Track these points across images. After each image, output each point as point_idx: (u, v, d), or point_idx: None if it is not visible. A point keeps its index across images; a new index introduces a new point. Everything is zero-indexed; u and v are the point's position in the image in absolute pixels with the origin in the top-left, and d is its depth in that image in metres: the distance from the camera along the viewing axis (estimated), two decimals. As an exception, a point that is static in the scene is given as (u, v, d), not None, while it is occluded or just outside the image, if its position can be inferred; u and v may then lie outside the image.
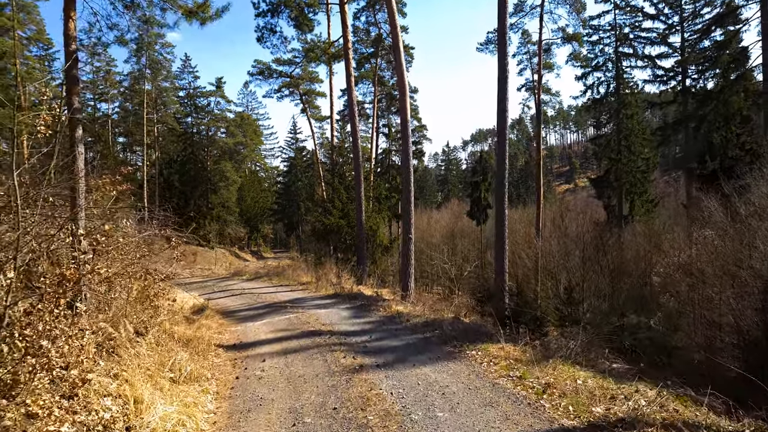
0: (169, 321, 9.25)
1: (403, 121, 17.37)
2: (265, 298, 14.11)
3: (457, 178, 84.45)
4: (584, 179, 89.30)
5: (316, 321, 10.33)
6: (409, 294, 16.34)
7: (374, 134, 36.55)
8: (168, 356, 6.86)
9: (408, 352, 7.55)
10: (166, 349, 7.32)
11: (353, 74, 22.01)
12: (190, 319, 10.82)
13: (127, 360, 5.91)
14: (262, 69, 34.28)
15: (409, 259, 16.87)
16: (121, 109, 43.19)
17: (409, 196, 17.12)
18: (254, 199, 49.99)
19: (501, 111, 16.42)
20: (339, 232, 23.69)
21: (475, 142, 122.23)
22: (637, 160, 32.77)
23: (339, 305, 12.37)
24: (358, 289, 14.74)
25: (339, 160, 25.60)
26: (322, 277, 16.64)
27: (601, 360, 7.06)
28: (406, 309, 11.10)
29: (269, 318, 10.96)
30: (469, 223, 44.41)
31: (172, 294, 11.64)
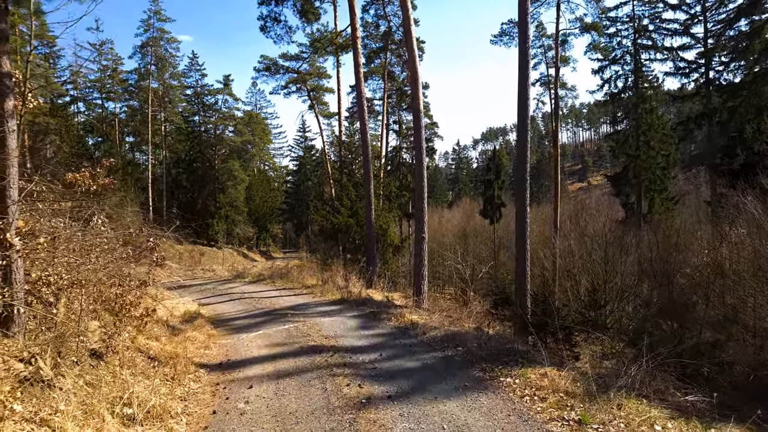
0: (146, 335, 7.85)
1: (415, 113, 15.90)
2: (265, 303, 12.68)
3: (468, 177, 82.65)
4: (597, 177, 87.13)
5: (318, 333, 8.87)
6: (422, 298, 14.90)
7: (384, 131, 35.08)
8: (130, 385, 5.44)
9: (427, 378, 6.05)
10: (132, 373, 5.90)
11: (362, 66, 20.56)
12: (176, 329, 9.41)
13: (65, 396, 4.48)
14: (268, 65, 32.98)
15: (422, 260, 15.40)
16: (128, 108, 42.15)
17: (422, 192, 15.64)
18: (263, 198, 48.72)
19: (522, 99, 14.95)
20: (347, 231, 22.24)
21: (486, 141, 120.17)
22: (657, 156, 31.17)
23: (345, 313, 10.91)
24: (366, 294, 13.27)
25: (347, 157, 24.15)
26: (328, 280, 15.20)
27: (671, 390, 5.52)
28: (421, 318, 9.60)
29: (266, 328, 9.51)
30: (482, 222, 42.77)
31: (153, 302, 10.26)
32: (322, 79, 34.71)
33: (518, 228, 15.45)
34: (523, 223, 15.28)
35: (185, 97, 41.74)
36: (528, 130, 15.25)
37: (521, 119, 14.94)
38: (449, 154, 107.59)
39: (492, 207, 38.38)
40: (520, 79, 14.93)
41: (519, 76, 15.18)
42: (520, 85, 15.15)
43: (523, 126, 14.97)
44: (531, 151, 75.01)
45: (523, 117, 14.97)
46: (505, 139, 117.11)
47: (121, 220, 12.20)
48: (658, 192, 30.97)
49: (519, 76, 15.18)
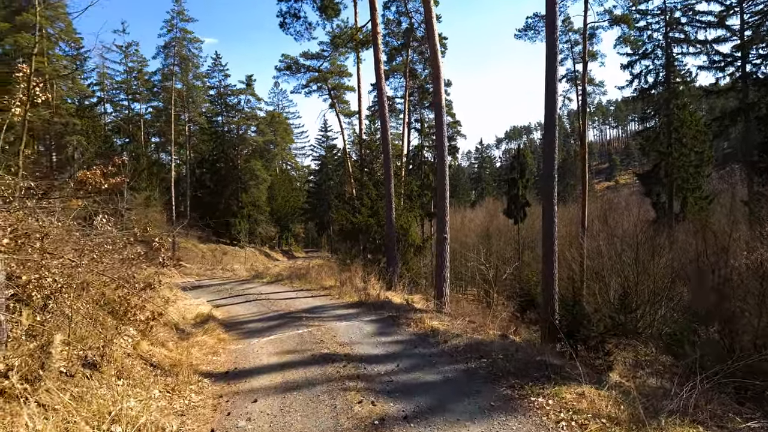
0: (151, 340, 7.40)
1: (437, 109, 15.26)
2: (281, 305, 12.20)
3: (491, 176, 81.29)
4: (625, 176, 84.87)
5: (333, 339, 8.31)
6: (443, 301, 14.26)
7: (406, 130, 34.43)
8: (123, 398, 4.96)
9: (448, 395, 5.43)
10: (129, 384, 5.44)
11: (382, 62, 19.99)
12: (186, 333, 8.97)
13: (43, 413, 4.01)
14: (289, 64, 32.73)
15: (444, 261, 14.75)
16: (153, 109, 42.45)
17: (443, 190, 14.99)
18: (285, 198, 48.59)
19: (549, 93, 14.20)
20: (368, 231, 21.69)
21: (509, 140, 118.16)
22: (690, 153, 29.92)
23: (362, 317, 10.33)
24: (385, 296, 12.68)
25: (368, 155, 23.59)
26: (346, 281, 14.66)
27: (730, 415, 4.78)
28: (442, 325, 8.96)
29: (278, 333, 9.00)
30: (506, 222, 41.78)
31: (164, 304, 9.87)
32: (343, 77, 34.31)
33: (545, 228, 14.69)
34: (551, 223, 14.51)
35: (209, 98, 41.80)
36: (556, 126, 14.44)
37: (548, 114, 14.15)
38: (472, 154, 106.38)
39: (516, 206, 37.44)
40: (548, 72, 14.18)
41: (546, 68, 14.43)
42: (547, 78, 14.39)
43: (550, 121, 14.18)
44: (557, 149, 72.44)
45: (551, 111, 14.18)
46: (529, 137, 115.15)
47: (136, 219, 11.89)
48: (691, 191, 29.80)
49: (546, 68, 14.43)
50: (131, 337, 7.07)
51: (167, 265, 7.97)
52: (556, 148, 14.42)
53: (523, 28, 29.36)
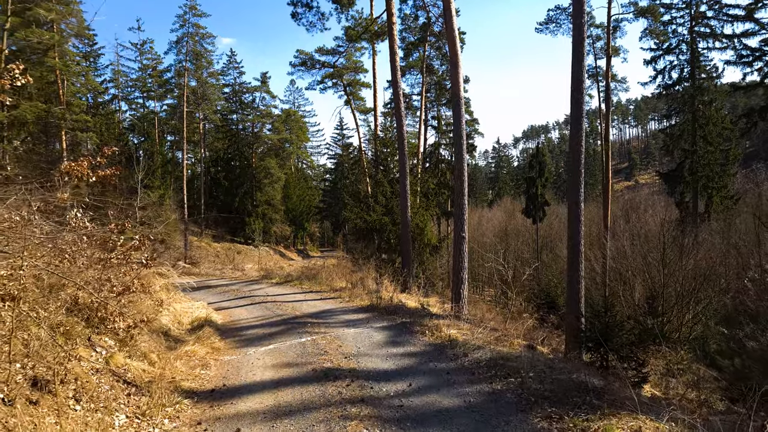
0: (130, 351, 6.48)
1: (455, 100, 14.18)
2: (286, 309, 11.25)
3: (508, 175, 79.52)
4: (645, 176, 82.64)
5: (338, 349, 7.32)
6: (461, 305, 13.19)
7: (422, 127, 33.30)
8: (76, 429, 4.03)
9: (472, 428, 4.39)
10: (87, 410, 4.51)
11: (398, 54, 18.99)
12: (177, 341, 8.07)
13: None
14: (304, 59, 31.81)
15: (461, 262, 13.66)
16: (168, 107, 41.97)
17: (461, 187, 13.92)
18: (300, 196, 47.80)
19: (576, 82, 13.08)
20: (382, 230, 20.69)
21: (527, 139, 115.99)
22: (716, 151, 28.49)
23: (373, 323, 9.33)
24: (399, 299, 11.66)
25: (383, 151, 22.57)
26: (358, 282, 13.66)
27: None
28: (461, 333, 7.90)
29: (279, 342, 8.04)
30: (524, 222, 40.53)
31: (157, 307, 8.97)
32: (359, 73, 33.32)
33: (571, 227, 13.54)
34: (577, 222, 13.36)
35: (224, 95, 41.22)
36: (584, 117, 13.29)
37: (575, 105, 13.01)
38: (489, 153, 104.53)
39: (535, 206, 36.20)
40: (575, 59, 13.07)
41: (573, 55, 13.32)
42: (574, 67, 13.26)
43: (577, 113, 13.04)
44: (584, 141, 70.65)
45: (578, 102, 13.04)
46: (547, 137, 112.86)
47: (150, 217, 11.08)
48: (716, 190, 28.51)
49: (573, 55, 13.32)
50: (106, 349, 6.18)
51: (150, 266, 7.05)
52: (583, 143, 13.27)
53: (544, 21, 28.05)
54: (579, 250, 13.26)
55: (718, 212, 27.80)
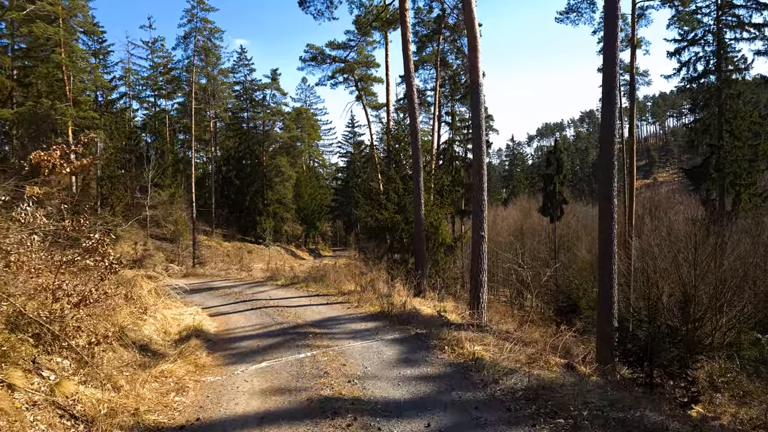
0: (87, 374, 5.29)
1: (473, 86, 12.89)
2: (288, 315, 10.04)
3: (522, 173, 77.67)
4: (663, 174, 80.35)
5: (341, 370, 6.09)
6: (481, 310, 11.95)
7: (436, 123, 31.93)
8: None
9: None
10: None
11: (410, 41, 17.73)
12: (157, 356, 6.89)
13: None
14: (314, 54, 30.71)
15: (480, 264, 12.40)
16: (179, 105, 41.13)
17: (481, 182, 12.65)
18: (311, 195, 46.72)
19: (609, 62, 11.79)
20: (394, 229, 19.43)
21: (541, 137, 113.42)
22: (744, 147, 26.91)
23: (383, 334, 8.08)
24: (412, 305, 10.40)
25: (395, 146, 21.33)
26: (367, 286, 12.41)
27: None
28: (486, 350, 6.61)
29: (274, 358, 6.83)
30: (540, 221, 39.06)
31: (139, 314, 7.83)
32: (371, 68, 32.06)
33: (602, 225, 12.19)
34: (608, 220, 12.01)
35: (234, 93, 40.28)
36: (616, 102, 11.93)
37: (607, 88, 11.68)
38: (503, 151, 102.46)
39: (552, 204, 34.70)
40: (607, 39, 11.79)
41: (605, 35, 12.05)
42: (606, 47, 11.99)
43: (609, 96, 11.69)
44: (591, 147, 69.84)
45: (610, 85, 11.71)
46: (561, 134, 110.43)
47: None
48: (744, 187, 26.93)
49: (605, 35, 12.05)
50: (56, 373, 5.02)
51: (117, 270, 5.88)
52: (615, 132, 11.94)
53: (564, 11, 26.52)
54: (612, 250, 11.92)
55: (747, 210, 26.28)
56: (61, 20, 25.23)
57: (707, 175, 28.25)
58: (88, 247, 5.30)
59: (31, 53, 27.09)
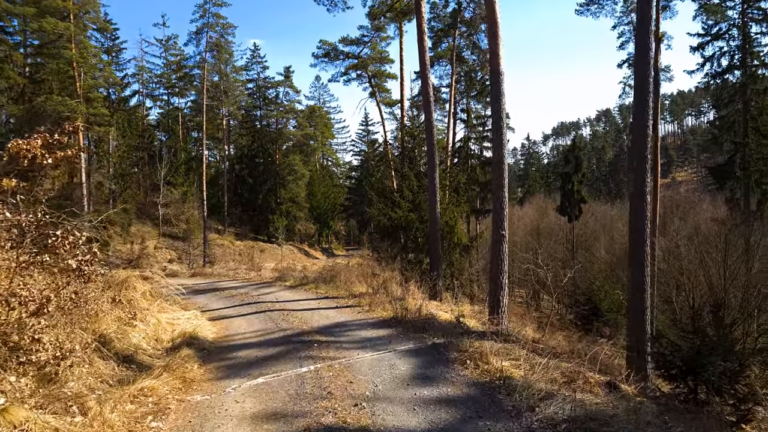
0: (49, 394, 4.48)
1: (494, 74, 11.93)
2: (293, 321, 9.19)
3: (538, 172, 76.09)
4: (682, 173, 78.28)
5: (347, 389, 5.21)
6: (500, 314, 10.97)
7: (451, 120, 30.91)
8: None
9: None
10: None
11: (426, 33, 16.81)
12: (142, 367, 6.08)
13: None
14: (327, 50, 29.90)
15: (501, 265, 11.43)
16: (193, 103, 40.65)
17: (501, 178, 11.70)
18: (324, 194, 45.98)
19: (641, 46, 10.72)
20: (408, 228, 18.51)
21: (556, 136, 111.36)
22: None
23: (396, 344, 7.18)
24: (428, 310, 9.49)
25: (410, 142, 20.43)
26: (380, 288, 11.52)
27: None
28: (515, 366, 5.67)
29: (272, 373, 5.96)
30: (557, 220, 37.77)
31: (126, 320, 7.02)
32: (385, 64, 31.14)
33: (633, 223, 11.19)
34: (641, 219, 11.00)
35: (247, 90, 39.68)
36: (649, 91, 10.86)
37: (641, 69, 10.69)
38: (518, 150, 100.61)
39: (570, 203, 33.39)
40: (641, 14, 10.78)
41: (638, 18, 11.01)
42: (638, 32, 10.96)
43: (642, 80, 10.67)
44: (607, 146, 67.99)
45: (643, 66, 10.68)
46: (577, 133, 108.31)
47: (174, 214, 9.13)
48: (771, 185, 25.69)
49: (638, 18, 11.01)
50: (5, 395, 4.21)
51: (88, 274, 5.06)
52: (649, 119, 10.88)
53: (585, 3, 25.41)
54: (644, 252, 10.89)
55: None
56: (72, 16, 24.77)
57: (731, 173, 27.17)
58: (47, 246, 4.48)
59: (43, 50, 26.73)
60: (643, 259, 10.74)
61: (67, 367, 4.82)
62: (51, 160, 7.13)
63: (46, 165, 6.98)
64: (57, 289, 4.77)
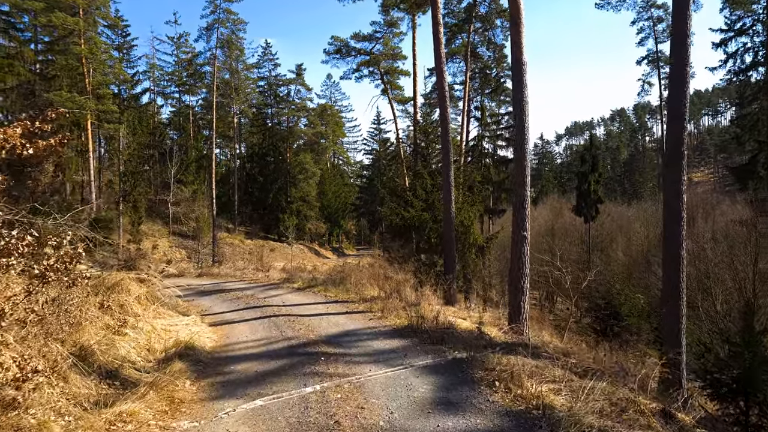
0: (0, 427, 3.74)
1: (516, 64, 11.09)
2: (300, 328, 8.41)
3: (551, 173, 74.73)
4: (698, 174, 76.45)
5: (357, 418, 4.41)
6: (522, 321, 10.20)
7: (465, 119, 29.95)
8: None
9: None
10: None
11: (442, 24, 16.00)
12: (127, 384, 5.34)
13: None
14: (339, 47, 29.15)
15: (522, 268, 10.60)
16: (204, 101, 40.14)
17: (523, 175, 10.87)
18: (335, 193, 45.27)
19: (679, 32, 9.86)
20: (421, 227, 17.72)
21: (570, 136, 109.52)
22: (796, 142, 24.63)
23: (413, 358, 6.36)
24: (445, 317, 8.67)
25: (423, 140, 19.61)
26: (392, 292, 10.70)
27: None
28: (556, 393, 4.82)
29: (272, 393, 5.19)
30: (572, 221, 36.74)
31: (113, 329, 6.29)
32: (397, 60, 30.28)
33: (668, 227, 10.30)
34: (677, 222, 10.13)
35: (258, 88, 39.12)
36: (687, 81, 9.96)
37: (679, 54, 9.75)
38: (531, 150, 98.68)
39: (587, 203, 32.31)
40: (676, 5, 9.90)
41: (675, 2, 10.12)
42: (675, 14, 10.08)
43: (679, 71, 9.76)
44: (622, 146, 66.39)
45: (682, 61, 9.76)
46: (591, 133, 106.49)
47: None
48: (796, 185, 24.54)
49: (675, 2, 10.12)
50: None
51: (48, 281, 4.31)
52: (687, 112, 9.96)
53: (607, -6, 24.44)
54: (680, 253, 10.00)
55: (797, 210, 24.01)
56: (81, 11, 24.29)
57: (754, 173, 26.01)
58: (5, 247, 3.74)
59: (54, 46, 26.32)
60: (679, 261, 9.86)
61: (30, 390, 4.08)
62: (32, 150, 6.43)
63: (26, 156, 6.29)
64: (11, 298, 4.02)
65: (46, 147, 6.67)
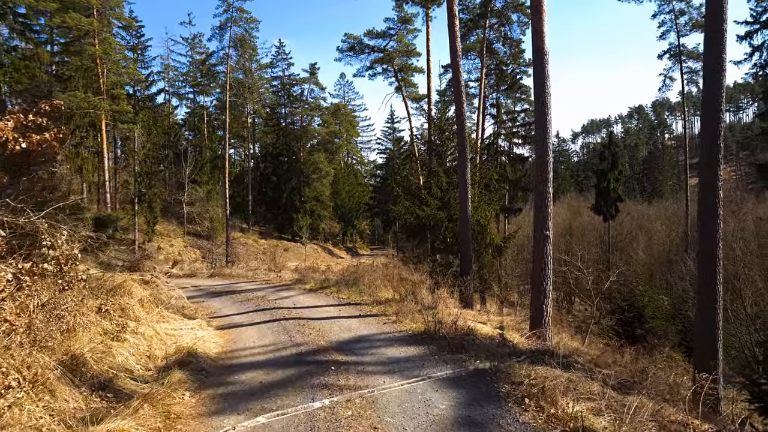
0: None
1: (537, 54, 10.49)
2: (310, 333, 7.92)
3: (568, 171, 73.39)
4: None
5: (371, 440, 3.93)
6: (545, 327, 9.62)
7: (480, 116, 29.28)
8: None
9: None
10: None
11: (457, 17, 15.40)
12: (121, 397, 4.90)
13: None
14: (352, 44, 28.69)
15: (545, 269, 10.00)
16: (218, 101, 40.01)
17: (545, 171, 10.28)
18: (349, 192, 44.86)
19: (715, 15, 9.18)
20: (437, 227, 17.14)
21: (586, 134, 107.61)
22: (827, 138, 23.56)
23: (431, 368, 5.83)
24: (464, 321, 8.09)
25: (439, 135, 19.04)
26: (408, 294, 10.15)
27: None
28: (596, 414, 4.26)
29: (277, 409, 4.70)
30: (590, 220, 35.82)
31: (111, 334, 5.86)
32: (411, 57, 29.69)
33: (704, 225, 9.58)
34: (714, 218, 9.41)
35: (272, 88, 38.85)
36: (723, 71, 9.25)
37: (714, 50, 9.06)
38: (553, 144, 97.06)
39: (606, 202, 31.36)
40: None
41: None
42: (710, 0, 9.35)
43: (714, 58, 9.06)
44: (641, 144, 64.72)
45: (718, 48, 9.07)
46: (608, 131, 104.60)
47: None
48: (827, 183, 23.48)
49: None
50: None
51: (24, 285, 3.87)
52: (722, 103, 9.25)
53: (627, -14, 23.60)
54: (716, 253, 9.28)
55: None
56: (95, 11, 24.18)
57: (782, 171, 25.01)
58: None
59: (69, 47, 26.29)
60: (716, 260, 9.13)
61: (5, 407, 3.64)
62: (25, 145, 6.06)
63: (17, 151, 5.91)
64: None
65: (40, 141, 6.28)
